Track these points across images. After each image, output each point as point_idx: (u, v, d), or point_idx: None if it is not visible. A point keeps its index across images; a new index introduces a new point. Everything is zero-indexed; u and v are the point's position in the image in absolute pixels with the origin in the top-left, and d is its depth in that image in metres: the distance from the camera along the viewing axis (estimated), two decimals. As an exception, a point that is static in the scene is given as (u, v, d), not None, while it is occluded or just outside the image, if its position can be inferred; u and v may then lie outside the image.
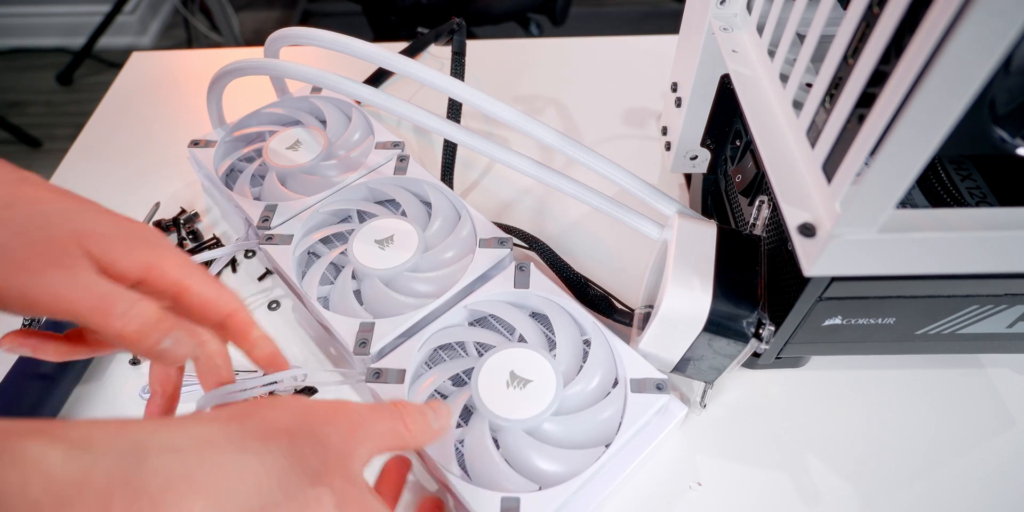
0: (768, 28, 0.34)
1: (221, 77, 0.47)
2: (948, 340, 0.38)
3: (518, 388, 0.35)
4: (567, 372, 0.37)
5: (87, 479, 0.18)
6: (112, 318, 0.25)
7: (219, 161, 0.50)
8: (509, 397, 0.35)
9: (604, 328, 0.39)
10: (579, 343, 0.39)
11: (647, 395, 0.36)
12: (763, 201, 0.37)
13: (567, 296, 0.41)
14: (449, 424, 0.31)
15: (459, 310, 0.40)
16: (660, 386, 0.36)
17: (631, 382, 0.36)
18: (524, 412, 0.34)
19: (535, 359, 0.36)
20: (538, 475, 0.34)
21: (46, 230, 0.25)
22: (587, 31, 1.36)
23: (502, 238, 0.43)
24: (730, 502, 0.38)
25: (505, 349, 0.37)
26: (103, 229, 0.27)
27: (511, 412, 0.34)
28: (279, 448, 0.22)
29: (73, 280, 0.25)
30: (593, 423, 0.36)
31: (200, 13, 1.83)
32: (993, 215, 0.26)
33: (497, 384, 0.35)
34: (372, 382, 0.37)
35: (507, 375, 0.36)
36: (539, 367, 0.36)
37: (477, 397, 0.35)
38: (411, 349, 0.38)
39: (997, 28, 0.18)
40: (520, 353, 0.37)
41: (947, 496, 0.38)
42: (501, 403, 0.34)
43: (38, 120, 1.74)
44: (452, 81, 0.41)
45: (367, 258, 0.42)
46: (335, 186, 0.47)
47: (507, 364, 0.36)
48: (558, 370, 0.36)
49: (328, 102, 0.54)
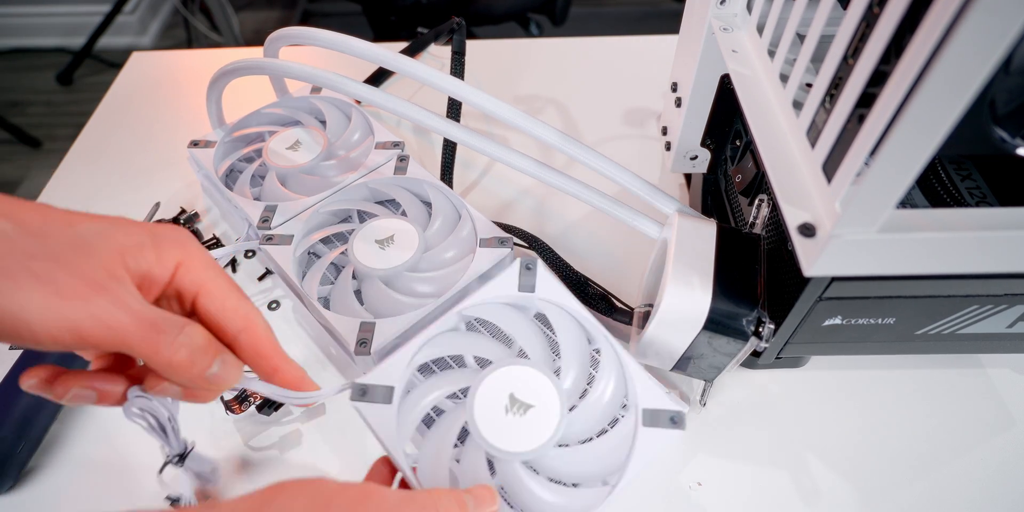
0: (768, 28, 0.34)
1: (221, 77, 0.47)
2: (948, 340, 0.38)
3: (518, 414, 0.32)
4: (571, 390, 0.34)
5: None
6: (161, 347, 0.24)
7: (219, 161, 0.50)
8: (508, 425, 0.32)
9: (617, 344, 0.35)
10: (586, 359, 0.36)
11: (659, 430, 0.32)
12: (762, 200, 0.37)
13: (575, 300, 0.37)
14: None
15: (452, 316, 0.36)
16: (675, 419, 0.32)
17: (643, 413, 0.33)
18: (524, 444, 0.31)
19: (537, 380, 0.33)
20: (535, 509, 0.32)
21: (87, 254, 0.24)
22: (587, 31, 1.36)
23: (502, 238, 0.43)
24: (730, 500, 0.38)
25: (504, 367, 0.33)
26: (137, 240, 0.25)
27: (509, 443, 0.31)
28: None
29: (122, 307, 0.23)
30: (598, 455, 0.33)
31: (200, 13, 1.83)
32: (993, 215, 0.26)
33: (495, 409, 0.32)
34: (358, 400, 0.32)
35: (506, 399, 0.32)
36: (541, 390, 0.33)
37: (473, 425, 0.32)
38: (400, 362, 0.33)
39: (997, 28, 0.18)
40: (521, 372, 0.33)
41: (947, 496, 0.38)
42: (499, 432, 0.31)
43: (38, 120, 1.74)
44: (452, 80, 0.41)
45: (367, 258, 0.42)
46: (335, 186, 0.47)
47: (506, 385, 0.33)
48: (562, 394, 0.33)
49: (328, 102, 0.54)
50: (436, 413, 0.35)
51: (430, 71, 0.41)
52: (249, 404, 0.40)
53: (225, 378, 0.26)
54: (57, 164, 0.59)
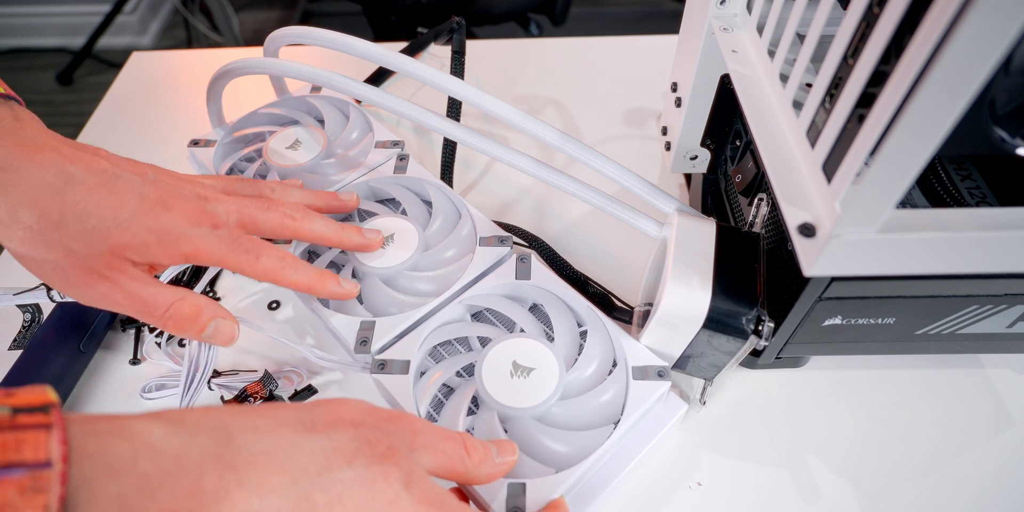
0: (768, 28, 0.34)
1: (220, 77, 0.47)
2: (948, 340, 0.38)
3: (522, 377, 0.36)
4: (567, 357, 0.38)
5: (185, 453, 0.20)
6: (155, 318, 0.31)
7: (219, 162, 0.50)
8: (514, 386, 0.35)
9: (602, 316, 0.39)
10: (575, 328, 0.39)
11: (649, 382, 0.36)
12: (761, 198, 0.37)
13: (563, 285, 0.41)
14: (514, 461, 0.31)
15: (456, 306, 0.40)
16: (661, 373, 0.36)
17: (632, 370, 0.37)
18: (531, 399, 0.35)
19: (535, 348, 0.37)
20: (552, 459, 0.34)
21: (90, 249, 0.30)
22: (587, 31, 1.36)
23: (502, 237, 0.43)
24: (729, 499, 0.38)
25: (505, 340, 0.37)
26: (141, 238, 0.30)
27: (518, 401, 0.35)
28: (346, 433, 0.24)
29: (119, 290, 0.30)
30: (598, 404, 0.36)
31: (200, 13, 1.83)
32: (993, 215, 0.26)
33: (501, 375, 0.36)
34: (377, 373, 0.37)
35: (510, 365, 0.36)
36: (540, 355, 0.36)
37: (483, 389, 0.35)
38: (413, 343, 0.38)
39: (997, 28, 0.18)
40: (520, 343, 0.37)
41: (947, 496, 0.38)
42: (507, 393, 0.35)
43: (38, 120, 1.74)
44: (452, 79, 0.41)
45: (367, 257, 0.42)
46: (335, 185, 0.47)
47: (509, 355, 0.36)
48: (559, 356, 0.36)
49: (326, 101, 0.53)
50: (445, 395, 0.38)
51: (430, 71, 0.41)
52: (249, 404, 0.40)
53: (218, 341, 0.33)
54: (57, 164, 0.59)
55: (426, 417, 0.36)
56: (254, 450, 0.22)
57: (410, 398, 0.36)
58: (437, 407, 0.37)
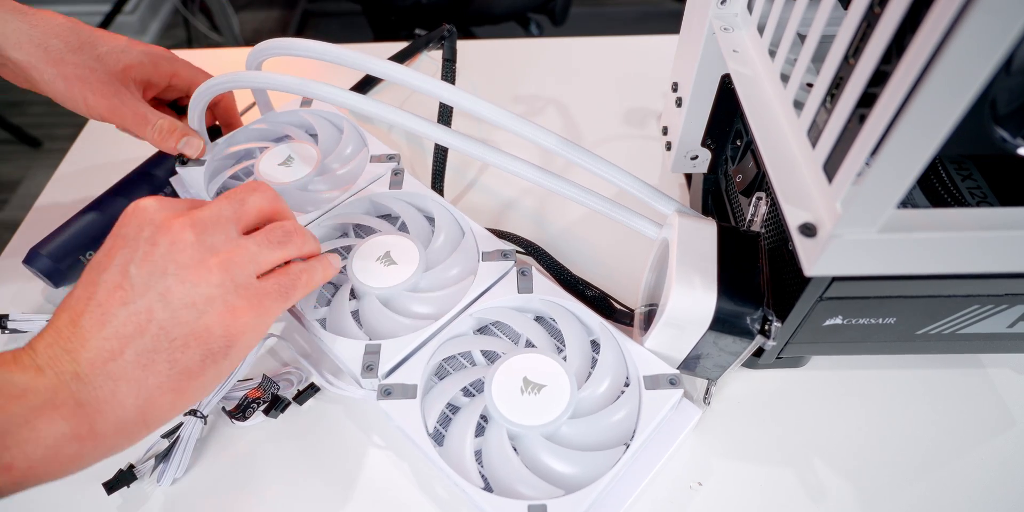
0: (769, 28, 0.34)
1: (201, 95, 0.44)
2: (948, 340, 0.38)
3: (532, 394, 0.35)
4: (578, 374, 0.37)
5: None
6: (144, 128, 0.44)
7: (208, 181, 0.47)
8: (524, 403, 0.34)
9: (611, 327, 0.39)
10: (587, 344, 0.39)
11: (661, 391, 0.36)
12: (760, 197, 0.37)
13: (571, 298, 0.40)
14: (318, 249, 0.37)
15: (465, 319, 0.39)
16: (673, 381, 0.36)
17: (644, 379, 0.36)
18: (541, 418, 0.34)
19: (546, 363, 0.36)
20: (561, 480, 0.34)
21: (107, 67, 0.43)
22: (587, 31, 1.36)
23: (505, 250, 0.42)
24: (732, 499, 0.38)
25: (515, 355, 0.36)
26: (140, 59, 0.45)
27: (528, 419, 0.34)
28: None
29: (124, 103, 0.43)
30: (610, 423, 0.35)
31: (200, 13, 1.84)
32: (993, 215, 0.26)
33: (511, 391, 0.35)
34: (384, 399, 0.36)
35: (520, 381, 0.35)
36: (551, 371, 0.36)
37: (492, 406, 0.35)
38: (418, 364, 0.37)
39: (998, 28, 0.18)
40: (531, 358, 0.36)
41: (948, 495, 0.38)
42: (517, 410, 0.34)
43: (38, 120, 1.74)
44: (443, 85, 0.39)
45: (366, 276, 0.40)
46: (331, 202, 0.46)
47: (519, 370, 0.36)
48: (571, 372, 0.36)
49: (318, 116, 0.52)
50: (452, 412, 0.37)
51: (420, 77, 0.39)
52: (252, 410, 0.40)
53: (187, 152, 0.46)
54: (57, 164, 0.59)
55: (433, 434, 0.35)
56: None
57: (418, 425, 0.35)
58: (444, 423, 0.37)
